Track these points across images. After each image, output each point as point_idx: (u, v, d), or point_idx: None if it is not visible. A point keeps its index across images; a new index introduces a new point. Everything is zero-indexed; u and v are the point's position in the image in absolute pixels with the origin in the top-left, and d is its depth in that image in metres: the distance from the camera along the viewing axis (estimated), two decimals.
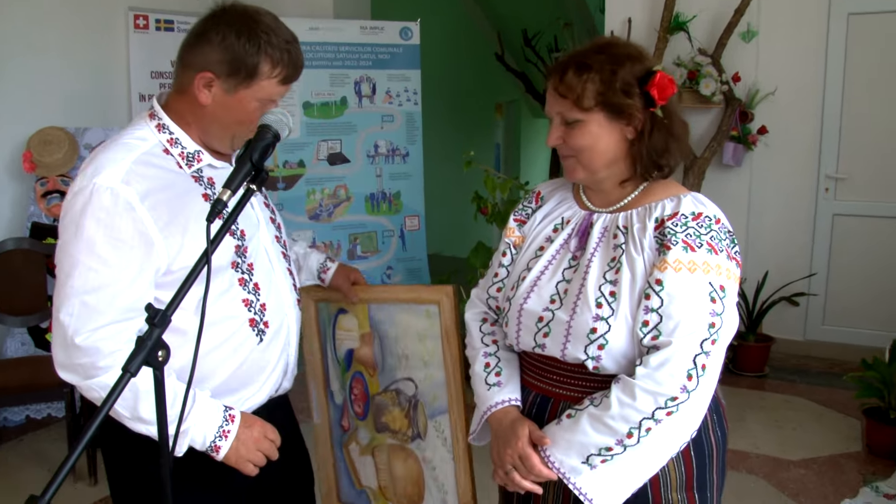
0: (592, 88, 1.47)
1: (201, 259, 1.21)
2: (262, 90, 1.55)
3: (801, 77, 4.98)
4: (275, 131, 1.41)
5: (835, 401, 4.33)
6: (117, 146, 1.50)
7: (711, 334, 1.39)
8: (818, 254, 5.07)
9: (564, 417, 1.48)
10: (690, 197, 1.49)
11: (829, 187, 5.02)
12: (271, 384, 1.70)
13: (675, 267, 1.40)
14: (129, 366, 1.09)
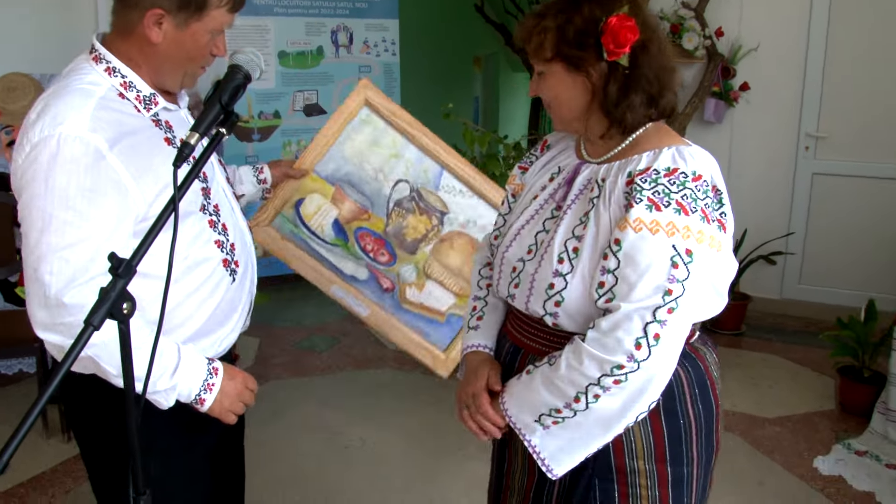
0: (550, 38, 1.41)
1: (168, 205, 1.14)
2: (213, 20, 1.50)
3: (784, 33, 4.92)
4: (245, 72, 1.34)
5: (810, 359, 4.36)
6: (72, 92, 1.42)
7: (667, 301, 1.29)
8: (797, 213, 5.06)
9: (524, 373, 1.47)
10: (673, 150, 1.39)
11: (810, 146, 4.99)
12: (241, 322, 1.73)
13: (636, 227, 1.32)
14: (91, 318, 1.02)
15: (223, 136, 1.26)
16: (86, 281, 1.35)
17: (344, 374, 4.25)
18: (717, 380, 1.55)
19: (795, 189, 5.05)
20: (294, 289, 5.60)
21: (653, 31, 1.41)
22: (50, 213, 1.33)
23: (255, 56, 1.40)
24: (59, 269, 1.34)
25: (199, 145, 1.23)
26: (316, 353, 4.53)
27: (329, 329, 4.92)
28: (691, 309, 1.33)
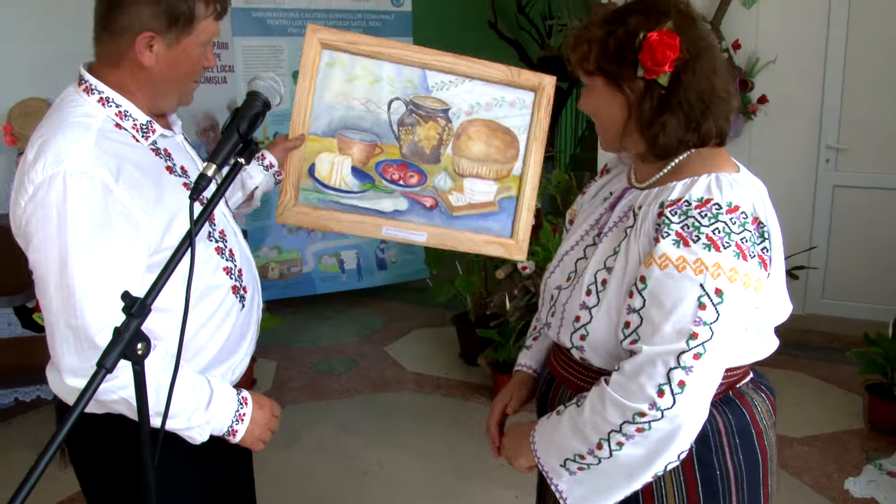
0: (594, 50, 1.34)
1: (185, 240, 1.10)
2: (202, 32, 1.47)
3: (802, 45, 4.86)
4: (264, 99, 1.30)
5: (836, 376, 4.27)
6: (69, 126, 1.37)
7: (692, 346, 1.20)
8: (818, 226, 4.98)
9: (554, 413, 1.40)
10: (711, 178, 1.29)
11: (830, 158, 4.92)
12: (252, 348, 1.70)
13: (661, 263, 1.23)
14: (104, 360, 0.99)
15: (241, 166, 1.22)
16: (114, 321, 1.30)
17: (362, 397, 4.20)
18: (766, 429, 1.42)
19: (817, 202, 4.97)
20: (311, 310, 5.58)
21: (702, 50, 1.32)
22: (66, 253, 1.29)
23: (274, 82, 1.36)
24: (86, 309, 1.30)
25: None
26: (334, 375, 4.49)
27: (347, 351, 4.87)
28: (722, 354, 1.24)
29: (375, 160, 1.97)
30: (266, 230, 5.43)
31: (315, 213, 1.95)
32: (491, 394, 4.12)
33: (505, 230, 2.03)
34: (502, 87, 2.01)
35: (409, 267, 5.87)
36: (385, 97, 1.97)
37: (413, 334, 5.16)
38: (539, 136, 2.00)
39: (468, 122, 1.99)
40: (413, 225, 1.99)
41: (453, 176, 2.01)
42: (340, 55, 1.96)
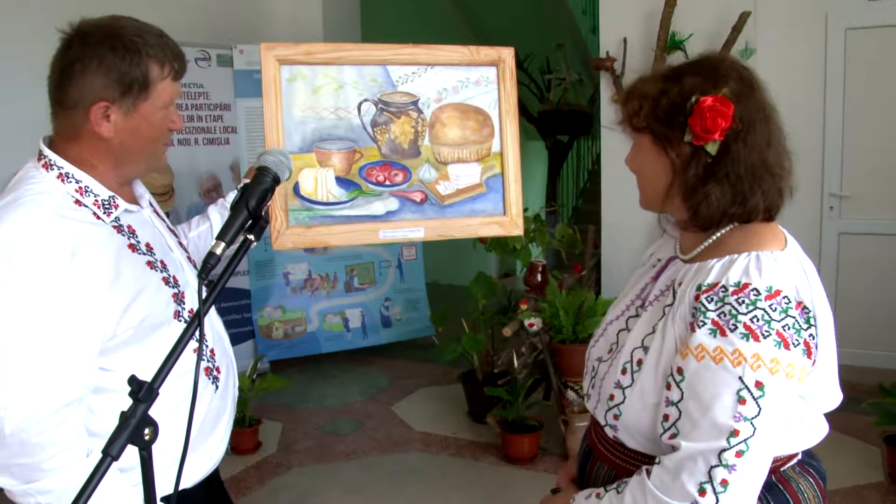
0: (646, 107, 1.29)
1: (193, 321, 1.07)
2: (161, 95, 1.43)
3: (800, 95, 4.89)
4: (274, 174, 1.28)
5: (853, 427, 4.19)
6: (22, 205, 1.31)
7: (733, 444, 1.13)
8: (825, 274, 4.95)
9: (594, 496, 1.34)
10: (750, 259, 1.22)
11: (834, 206, 4.92)
12: (228, 431, 1.64)
13: (698, 354, 1.17)
14: (110, 448, 0.95)
15: (251, 243, 1.19)
16: (49, 415, 1.26)
17: (369, 458, 4.12)
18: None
19: (823, 250, 4.95)
20: (316, 369, 5.52)
21: (758, 121, 1.27)
22: (6, 337, 1.23)
23: (283, 157, 1.34)
24: (14, 401, 1.23)
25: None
26: (340, 436, 4.41)
27: (353, 411, 4.80)
28: (767, 449, 1.17)
29: (357, 166, 1.94)
30: (270, 290, 5.40)
31: (309, 231, 1.91)
32: (500, 453, 4.04)
33: (497, 208, 2.02)
34: (465, 69, 2.02)
35: (414, 324, 5.83)
36: (353, 101, 1.95)
37: (420, 393, 5.10)
38: (510, 109, 2.00)
39: (439, 109, 1.99)
40: (408, 223, 1.97)
41: (436, 165, 2.00)
42: (300, 68, 1.93)
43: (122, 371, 1.37)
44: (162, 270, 1.47)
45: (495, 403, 4.14)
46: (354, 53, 1.95)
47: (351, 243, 1.96)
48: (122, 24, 1.41)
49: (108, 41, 1.36)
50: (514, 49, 1.98)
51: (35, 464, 1.25)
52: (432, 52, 2.00)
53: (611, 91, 5.24)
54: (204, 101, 5.17)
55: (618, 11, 5.25)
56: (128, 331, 1.36)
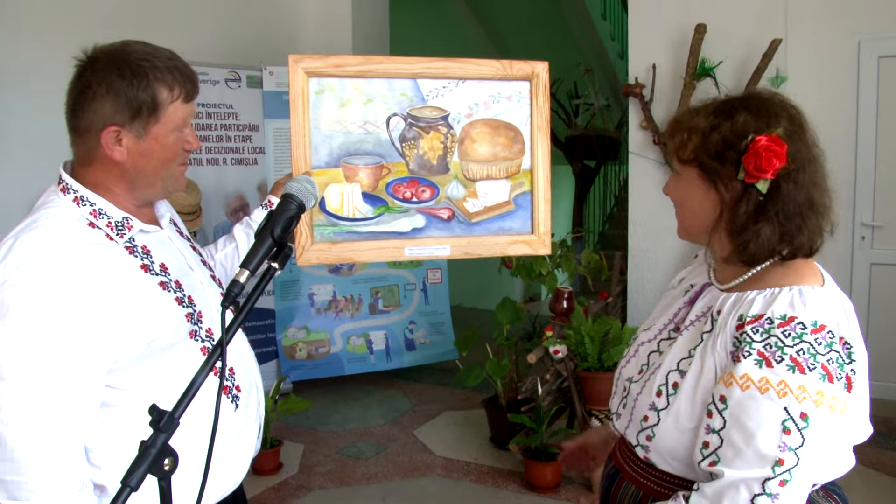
0: (694, 140, 1.31)
1: (215, 350, 1.07)
2: (172, 118, 1.43)
3: (832, 123, 4.83)
4: (299, 201, 1.27)
5: (884, 463, 4.10)
6: (38, 229, 1.34)
7: (778, 473, 1.15)
8: (856, 304, 4.84)
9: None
10: (794, 293, 1.23)
11: (866, 235, 4.85)
12: (251, 451, 1.62)
13: (743, 384, 1.18)
14: (128, 479, 0.94)
15: (276, 271, 1.18)
16: (48, 436, 1.26)
17: (391, 483, 4.09)
18: None
19: (854, 280, 4.87)
20: (338, 391, 5.51)
21: (807, 161, 1.29)
22: (11, 358, 1.25)
23: (309, 185, 1.33)
24: (16, 420, 1.24)
25: None
26: (361, 460, 4.39)
27: (374, 434, 4.78)
28: (808, 479, 1.18)
29: (384, 182, 1.93)
30: (294, 310, 5.41)
31: (335, 247, 1.90)
32: (522, 481, 3.99)
33: (525, 227, 2.00)
34: (497, 83, 1.98)
35: (438, 348, 5.80)
36: (382, 115, 1.93)
37: (442, 417, 5.06)
38: (542, 124, 1.97)
39: (469, 124, 1.96)
40: (434, 240, 1.95)
41: (465, 182, 1.97)
42: (329, 81, 1.91)
43: (129, 389, 1.39)
44: (176, 290, 1.47)
45: (518, 430, 4.10)
46: (384, 66, 1.92)
47: (377, 260, 1.93)
48: (132, 48, 1.43)
49: (115, 67, 1.38)
50: (547, 64, 1.96)
51: (24, 483, 1.24)
52: (464, 66, 1.96)
53: (639, 117, 5.22)
54: (233, 121, 5.21)
55: (647, 37, 5.24)
56: (136, 350, 1.37)
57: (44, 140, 4.27)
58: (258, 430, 1.66)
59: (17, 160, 4.24)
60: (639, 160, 5.30)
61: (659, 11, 5.18)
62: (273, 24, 5.97)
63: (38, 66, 4.28)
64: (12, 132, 4.21)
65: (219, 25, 5.42)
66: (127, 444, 1.37)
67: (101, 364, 1.32)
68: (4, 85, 4.17)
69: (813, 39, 4.82)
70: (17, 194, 4.21)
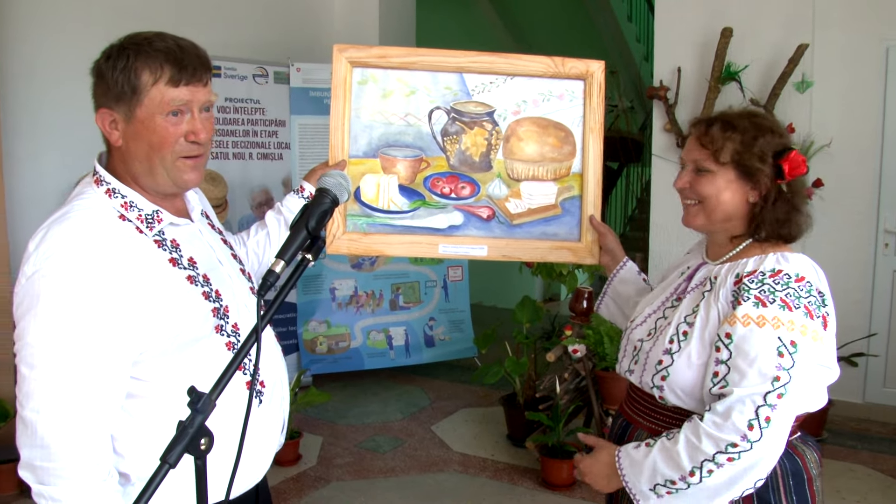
0: (732, 146, 1.60)
1: (250, 337, 1.11)
2: (156, 101, 1.39)
3: (857, 129, 4.82)
4: (333, 196, 1.30)
5: None
6: (69, 221, 1.36)
7: (776, 387, 1.44)
8: (878, 312, 4.85)
9: (643, 445, 1.59)
10: (778, 255, 1.56)
11: (889, 243, 4.82)
12: (274, 446, 1.63)
13: (744, 321, 1.48)
14: (167, 456, 0.99)
15: (309, 262, 1.23)
16: (77, 425, 1.29)
17: (408, 477, 4.13)
18: (815, 477, 1.63)
19: (876, 288, 4.85)
20: (358, 385, 5.57)
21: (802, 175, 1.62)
22: (40, 349, 1.28)
23: (343, 179, 1.36)
24: (48, 407, 1.28)
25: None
26: (379, 454, 4.44)
27: (392, 429, 4.83)
28: (798, 395, 1.47)
29: (423, 175, 1.89)
30: (316, 304, 5.47)
31: (366, 238, 1.87)
32: (538, 478, 4.03)
33: (572, 233, 1.93)
34: (548, 81, 1.92)
35: (457, 345, 5.84)
36: (424, 108, 1.89)
37: (460, 413, 5.10)
38: (595, 126, 1.91)
39: (516, 122, 1.91)
40: (471, 239, 1.89)
41: (508, 182, 1.91)
42: (372, 71, 1.88)
43: (155, 381, 1.41)
44: (203, 285, 1.48)
45: (535, 428, 4.13)
46: (429, 59, 1.89)
47: (408, 255, 1.89)
48: (135, 35, 1.43)
49: (107, 51, 1.41)
50: (603, 63, 1.91)
51: (53, 469, 1.28)
52: (512, 62, 1.91)
53: (663, 120, 5.23)
54: (260, 116, 5.28)
55: (673, 40, 5.24)
56: (162, 344, 1.39)
57: (71, 133, 4.37)
58: (282, 426, 1.68)
59: (48, 153, 4.32)
60: (661, 163, 5.31)
61: (685, 14, 5.18)
62: (301, 21, 6.04)
63: (65, 61, 4.35)
64: (42, 126, 4.29)
65: (248, 22, 5.48)
66: (151, 435, 1.41)
67: (127, 355, 1.35)
68: (34, 80, 4.25)
69: (840, 45, 4.80)
70: (50, 185, 4.30)
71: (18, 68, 4.18)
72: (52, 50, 4.30)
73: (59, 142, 4.34)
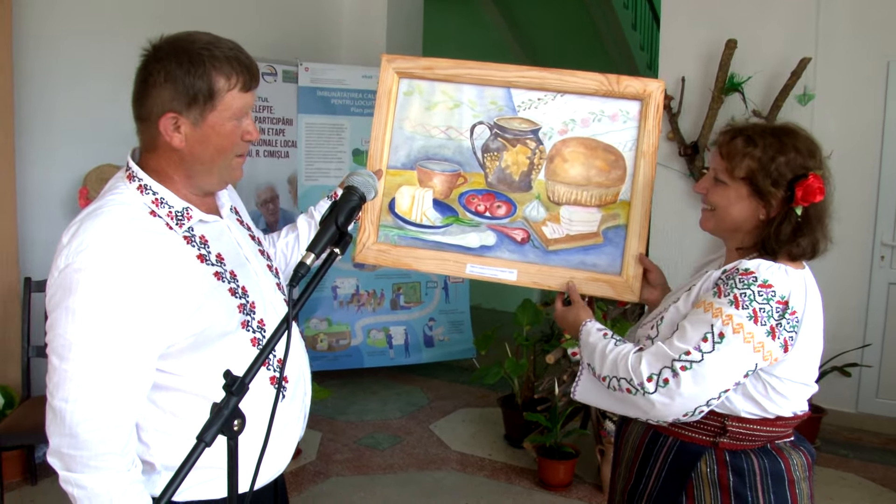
0: (748, 163, 1.61)
1: (281, 325, 1.16)
2: (229, 106, 1.46)
3: (857, 142, 4.89)
4: (361, 193, 1.36)
5: (892, 479, 4.15)
6: (101, 216, 1.40)
7: (683, 359, 1.54)
8: (873, 323, 4.92)
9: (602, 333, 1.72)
10: (768, 262, 1.59)
11: (885, 255, 4.89)
12: (294, 441, 1.66)
13: (697, 304, 1.60)
14: (203, 435, 1.04)
15: (337, 255, 1.28)
16: (104, 415, 1.33)
17: (406, 474, 4.19)
18: (799, 480, 1.68)
19: (871, 299, 4.91)
20: (357, 383, 5.62)
21: (829, 196, 1.63)
22: (71, 340, 1.31)
23: (370, 178, 1.41)
24: (78, 397, 1.31)
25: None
26: (378, 450, 4.49)
27: (391, 426, 4.88)
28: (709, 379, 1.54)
29: (459, 191, 1.82)
30: (317, 302, 5.52)
31: (395, 250, 1.81)
32: (535, 478, 4.08)
33: (613, 265, 1.82)
34: (600, 100, 1.80)
35: (457, 346, 5.90)
36: (467, 122, 1.82)
37: (458, 413, 5.16)
38: (649, 150, 1.80)
39: (562, 142, 1.80)
40: (501, 262, 1.81)
41: (547, 204, 1.81)
42: (419, 83, 1.84)
43: (181, 374, 1.45)
44: (230, 281, 1.51)
45: (533, 429, 4.19)
46: (476, 72, 1.82)
47: (435, 272, 1.82)
48: (194, 38, 1.47)
49: (175, 55, 1.43)
50: (663, 83, 1.80)
51: (80, 457, 1.33)
52: (564, 78, 1.80)
53: (666, 128, 5.29)
54: (268, 114, 5.34)
55: (677, 50, 5.30)
56: (189, 339, 1.42)
57: (81, 131, 4.42)
58: (303, 421, 1.70)
59: (58, 151, 4.37)
60: (664, 170, 5.37)
61: (691, 25, 5.24)
62: (310, 20, 6.10)
63: (81, 62, 4.41)
64: (53, 124, 4.34)
65: (257, 21, 5.54)
66: (177, 425, 1.45)
67: (154, 348, 1.39)
68: (47, 79, 4.29)
69: (842, 59, 4.87)
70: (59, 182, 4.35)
71: (32, 68, 4.23)
72: (64, 49, 4.35)
73: (68, 139, 4.38)
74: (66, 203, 4.36)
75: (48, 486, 3.85)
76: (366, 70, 5.48)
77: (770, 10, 4.98)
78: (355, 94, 5.51)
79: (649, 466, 1.74)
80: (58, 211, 4.37)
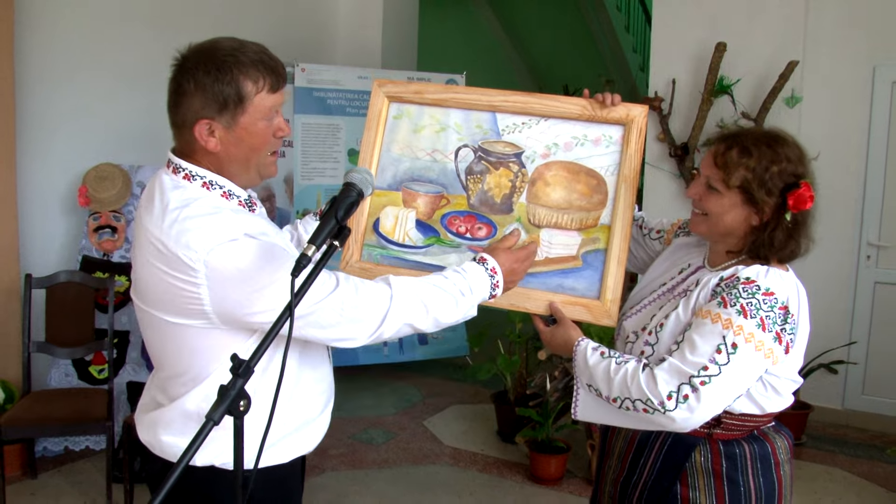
0: (743, 174, 1.65)
1: (285, 312, 1.24)
2: (259, 108, 1.52)
3: (844, 144, 4.98)
4: (359, 189, 1.43)
5: (877, 475, 4.24)
6: (198, 210, 1.48)
7: (701, 375, 1.57)
8: (859, 322, 5.01)
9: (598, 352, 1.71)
10: (763, 268, 1.64)
11: (871, 255, 4.98)
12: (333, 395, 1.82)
13: (703, 314, 1.62)
14: (213, 414, 1.12)
15: (336, 248, 1.36)
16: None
17: (401, 469, 4.26)
18: (783, 462, 1.77)
19: (857, 298, 5.01)
20: (352, 380, 5.68)
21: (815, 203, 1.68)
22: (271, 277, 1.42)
23: (368, 175, 1.48)
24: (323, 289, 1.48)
25: None
26: (373, 445, 4.56)
27: (386, 423, 4.95)
28: (724, 391, 1.58)
29: (441, 212, 1.85)
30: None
31: (377, 269, 1.84)
32: (527, 473, 4.16)
33: (591, 290, 1.80)
34: (583, 124, 1.82)
35: (450, 344, 5.97)
36: (452, 145, 1.86)
37: (451, 409, 5.23)
38: (630, 174, 1.80)
39: (545, 165, 1.82)
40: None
41: (528, 227, 1.82)
42: (408, 107, 1.88)
43: None
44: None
45: (525, 424, 4.26)
46: (462, 96, 1.86)
47: None
48: (219, 45, 1.52)
49: (202, 64, 1.49)
50: (647, 108, 1.83)
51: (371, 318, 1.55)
52: (547, 103, 1.83)
53: (656, 129, 5.37)
54: None
55: (668, 52, 5.39)
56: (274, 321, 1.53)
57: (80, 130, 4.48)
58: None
59: (58, 150, 4.43)
60: (654, 171, 5.45)
61: (682, 28, 5.33)
62: (306, 22, 6.16)
63: (81, 61, 4.48)
64: (56, 122, 4.40)
65: (254, 23, 5.60)
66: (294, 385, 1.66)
67: None
68: (47, 79, 4.35)
69: (829, 63, 4.97)
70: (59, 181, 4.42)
71: (33, 67, 4.29)
72: (64, 49, 4.41)
73: (68, 138, 4.45)
74: (66, 201, 4.43)
75: (48, 480, 3.92)
76: (362, 71, 5.56)
77: (759, 15, 5.08)
78: (351, 95, 5.58)
79: (643, 458, 1.78)
80: (57, 209, 4.44)
